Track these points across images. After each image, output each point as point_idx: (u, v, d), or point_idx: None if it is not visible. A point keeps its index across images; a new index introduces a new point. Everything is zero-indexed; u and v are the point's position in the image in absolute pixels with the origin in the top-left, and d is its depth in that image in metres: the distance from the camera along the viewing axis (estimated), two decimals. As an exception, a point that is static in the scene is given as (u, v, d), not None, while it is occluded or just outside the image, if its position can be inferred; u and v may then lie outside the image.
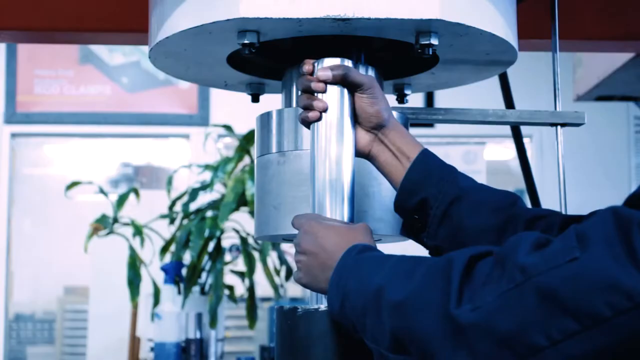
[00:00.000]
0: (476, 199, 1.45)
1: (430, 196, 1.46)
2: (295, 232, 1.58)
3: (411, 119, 1.77)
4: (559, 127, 1.92)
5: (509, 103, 2.27)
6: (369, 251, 1.33)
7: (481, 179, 5.64)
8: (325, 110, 1.51)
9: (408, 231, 1.53)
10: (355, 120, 1.53)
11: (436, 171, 1.48)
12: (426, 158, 1.49)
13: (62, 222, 7.15)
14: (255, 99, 1.93)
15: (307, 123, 1.53)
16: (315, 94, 1.51)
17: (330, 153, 1.49)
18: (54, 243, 7.26)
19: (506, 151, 6.97)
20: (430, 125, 6.07)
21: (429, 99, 6.07)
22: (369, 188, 1.62)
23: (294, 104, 1.72)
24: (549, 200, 2.62)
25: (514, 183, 6.79)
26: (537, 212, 1.45)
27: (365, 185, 1.61)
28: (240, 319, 4.97)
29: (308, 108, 1.51)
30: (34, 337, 7.27)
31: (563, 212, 1.94)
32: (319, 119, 1.51)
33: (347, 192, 1.49)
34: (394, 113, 1.64)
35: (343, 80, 1.50)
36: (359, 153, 1.53)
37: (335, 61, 1.52)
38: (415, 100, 5.78)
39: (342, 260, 1.32)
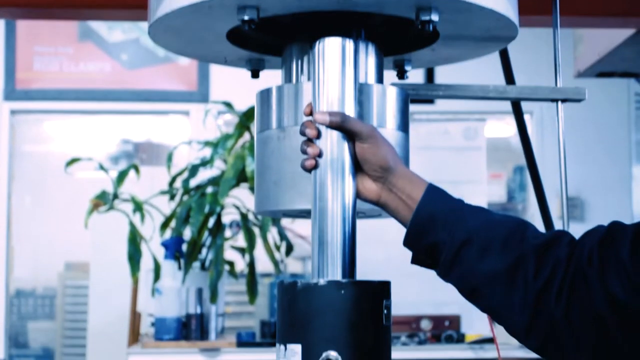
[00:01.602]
0: (484, 240, 1.41)
1: (440, 241, 1.43)
2: (296, 207, 1.58)
3: (411, 95, 1.77)
4: (559, 102, 1.92)
5: (510, 79, 2.27)
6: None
7: (481, 155, 5.65)
8: (320, 155, 1.50)
9: (418, 264, 1.51)
10: (360, 168, 1.51)
11: (441, 213, 1.44)
12: (431, 198, 1.46)
13: (62, 199, 7.16)
14: (255, 75, 1.92)
15: (306, 170, 1.52)
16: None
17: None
18: (54, 219, 7.27)
19: (507, 128, 6.96)
20: (431, 101, 6.06)
21: (429, 75, 6.06)
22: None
23: (294, 80, 1.72)
24: (549, 177, 2.63)
25: (515, 160, 6.80)
26: (545, 241, 1.40)
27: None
28: (240, 295, 4.99)
29: (305, 153, 1.51)
30: (34, 313, 7.30)
31: (564, 189, 1.94)
32: (316, 166, 1.50)
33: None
34: (393, 88, 1.64)
35: (340, 128, 1.49)
36: (367, 201, 1.52)
37: (336, 40, 1.51)
38: (416, 76, 5.78)
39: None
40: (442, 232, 1.43)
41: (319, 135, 1.50)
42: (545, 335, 1.36)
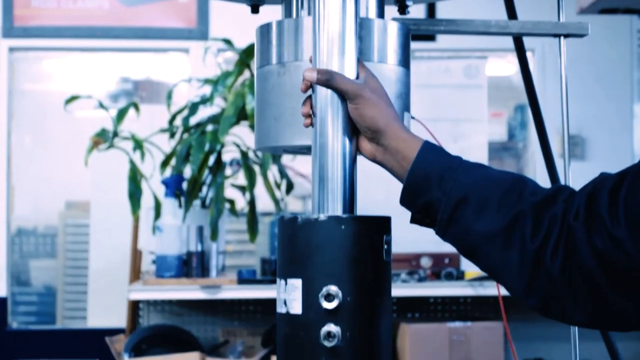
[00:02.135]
0: (481, 199, 1.38)
1: (435, 200, 1.40)
2: (297, 143, 1.58)
3: (413, 30, 1.76)
4: (562, 38, 1.90)
5: (512, 14, 2.25)
6: None
7: (482, 93, 5.63)
8: (312, 115, 1.50)
9: (416, 223, 1.49)
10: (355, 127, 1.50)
11: (436, 172, 1.41)
12: (425, 157, 1.43)
13: (62, 138, 7.15)
14: (255, 10, 1.90)
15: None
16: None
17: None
18: (54, 158, 7.27)
19: (508, 66, 6.93)
20: (432, 38, 6.02)
21: (431, 11, 6.01)
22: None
23: (294, 15, 1.70)
24: (550, 115, 2.62)
25: (516, 98, 6.78)
26: (542, 198, 1.37)
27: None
28: (241, 234, 5.01)
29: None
30: (36, 251, 7.33)
31: (565, 126, 1.94)
32: (311, 124, 1.51)
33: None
34: (394, 23, 1.63)
35: (326, 86, 1.47)
36: (366, 158, 1.51)
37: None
38: (417, 13, 5.73)
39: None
40: (437, 191, 1.40)
41: (313, 89, 1.50)
42: (545, 294, 1.34)
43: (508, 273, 1.37)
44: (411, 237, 4.91)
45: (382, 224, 1.47)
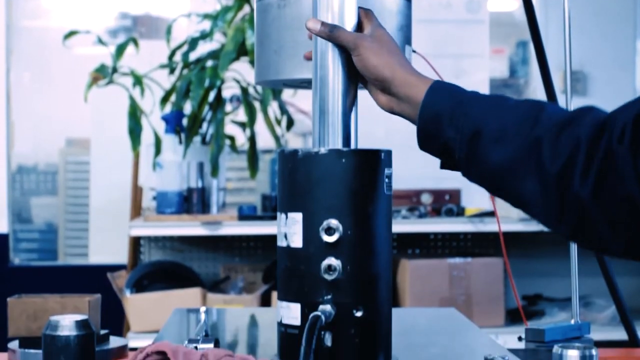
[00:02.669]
0: (495, 130, 1.32)
1: (449, 139, 1.35)
2: (297, 77, 1.57)
3: (414, -38, 1.73)
4: (565, -30, 1.88)
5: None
6: None
7: (484, 29, 5.58)
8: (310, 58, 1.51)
9: (447, 168, 1.44)
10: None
11: (446, 110, 1.36)
12: (433, 97, 1.38)
13: (61, 74, 7.11)
14: (255, -58, 1.88)
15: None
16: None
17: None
18: (53, 95, 7.24)
19: (510, 2, 6.87)
20: (433, -28, 5.96)
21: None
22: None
23: (294, -53, 1.67)
24: (551, 52, 2.60)
25: (518, 34, 6.73)
26: (562, 120, 1.29)
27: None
28: (241, 171, 5.01)
29: None
30: (37, 189, 7.34)
31: (568, 60, 1.92)
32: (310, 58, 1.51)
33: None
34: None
35: (328, 38, 1.46)
36: (387, 111, 1.48)
37: None
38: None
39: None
40: (449, 129, 1.35)
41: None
42: (576, 221, 1.27)
43: (534, 203, 1.31)
44: (412, 174, 4.91)
45: (382, 157, 1.46)
